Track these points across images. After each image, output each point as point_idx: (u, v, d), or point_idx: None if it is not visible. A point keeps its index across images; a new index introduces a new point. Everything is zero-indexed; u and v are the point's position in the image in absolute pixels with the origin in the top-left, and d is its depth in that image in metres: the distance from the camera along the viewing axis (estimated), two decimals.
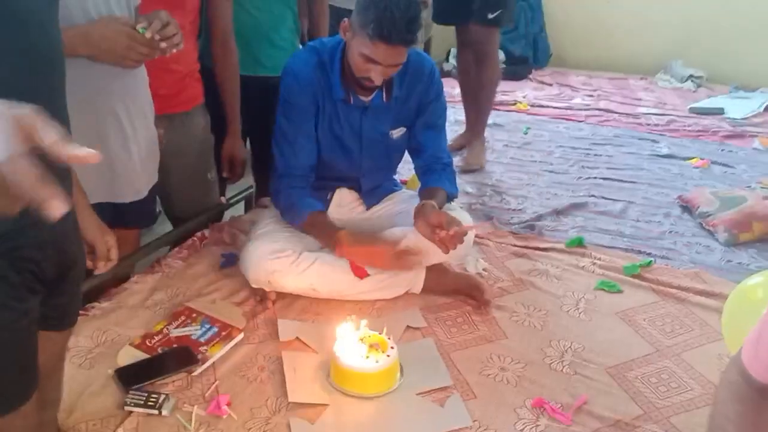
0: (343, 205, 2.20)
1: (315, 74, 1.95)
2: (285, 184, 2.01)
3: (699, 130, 3.69)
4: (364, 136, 2.04)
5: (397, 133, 2.08)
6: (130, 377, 1.62)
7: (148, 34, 1.55)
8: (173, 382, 1.64)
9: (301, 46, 2.47)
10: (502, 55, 4.73)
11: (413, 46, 1.86)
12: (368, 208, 2.21)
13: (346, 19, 1.86)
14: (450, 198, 2.06)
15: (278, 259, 1.91)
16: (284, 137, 2.01)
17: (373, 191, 2.21)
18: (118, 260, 1.46)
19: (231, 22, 2.15)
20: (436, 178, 2.06)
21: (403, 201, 2.17)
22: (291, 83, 1.97)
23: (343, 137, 2.03)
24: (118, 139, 1.70)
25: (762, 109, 3.97)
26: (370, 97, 1.98)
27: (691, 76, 4.50)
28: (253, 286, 1.97)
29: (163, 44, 1.57)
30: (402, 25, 1.74)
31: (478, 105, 3.16)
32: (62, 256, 1.11)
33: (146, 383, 1.60)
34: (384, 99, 1.99)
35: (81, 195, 1.35)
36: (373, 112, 2.02)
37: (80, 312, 1.84)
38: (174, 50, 1.61)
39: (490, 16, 2.96)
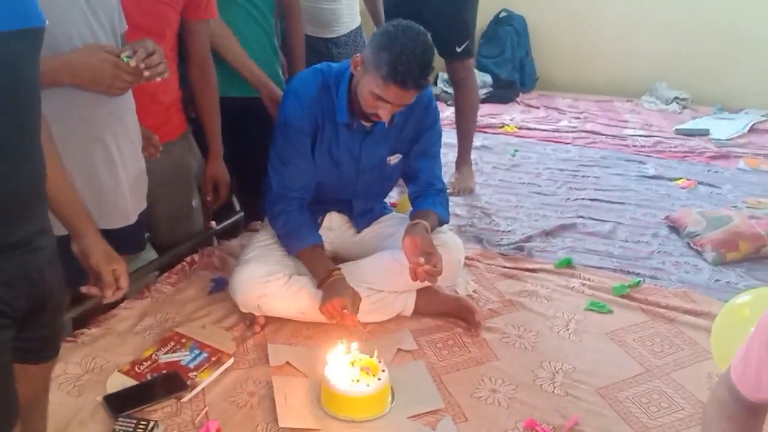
0: (334, 228, 2.20)
1: (318, 96, 1.96)
2: (282, 207, 2.01)
3: (685, 151, 3.73)
4: (362, 160, 2.05)
5: (393, 159, 2.09)
6: (119, 404, 1.60)
7: (132, 63, 1.55)
8: (162, 408, 1.63)
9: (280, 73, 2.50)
10: (489, 79, 4.79)
11: None
12: (358, 231, 2.21)
13: (358, 55, 1.88)
14: (442, 223, 2.08)
15: (267, 283, 1.91)
16: (281, 158, 2.01)
17: (364, 215, 2.21)
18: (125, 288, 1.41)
19: (208, 45, 2.14)
20: (430, 202, 2.07)
21: (394, 225, 2.17)
22: (293, 105, 1.97)
23: (341, 160, 2.04)
24: (105, 165, 1.69)
25: (746, 129, 4.01)
26: (371, 123, 1.99)
27: (676, 98, 4.55)
28: (243, 310, 1.97)
29: (147, 72, 1.57)
30: (416, 70, 1.76)
31: (461, 131, 3.19)
32: (36, 291, 1.11)
33: (135, 410, 1.59)
34: (386, 125, 2.00)
35: (87, 221, 1.34)
36: (374, 137, 2.03)
37: (69, 338, 1.84)
38: (158, 78, 1.61)
39: (459, 49, 3.02)
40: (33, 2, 1.06)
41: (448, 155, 3.36)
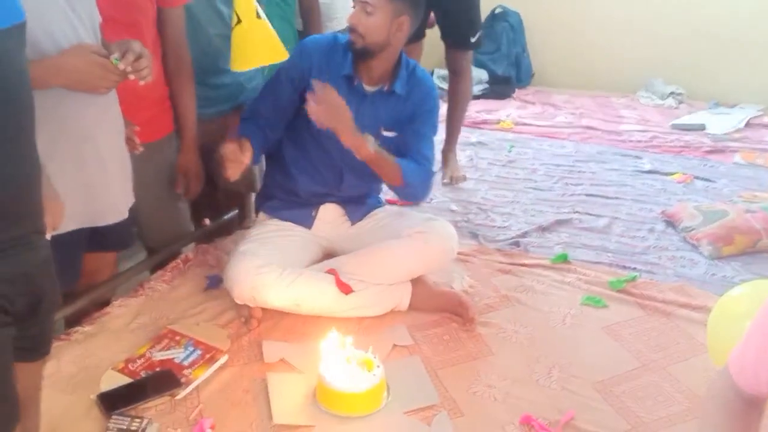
0: (328, 221, 2.19)
1: (323, 51, 2.05)
2: (242, 123, 2.11)
3: (681, 146, 3.72)
4: (357, 121, 2.01)
5: (387, 132, 2.08)
6: (113, 402, 1.60)
7: (121, 66, 1.55)
8: (156, 406, 1.62)
9: None
10: (485, 75, 4.78)
11: None
12: (353, 224, 2.20)
13: None
14: (398, 170, 1.99)
15: (262, 273, 1.90)
16: (260, 92, 2.15)
17: (357, 204, 2.20)
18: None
19: (183, 32, 2.10)
20: (406, 160, 2.03)
21: (388, 216, 2.18)
22: (295, 51, 2.11)
23: None
24: (95, 163, 1.68)
25: (742, 124, 4.01)
26: (374, 88, 2.03)
27: (672, 93, 4.55)
28: (238, 302, 1.96)
29: (132, 77, 1.57)
30: None
31: (452, 119, 3.21)
32: (33, 289, 1.11)
33: (129, 408, 1.58)
34: (385, 89, 2.03)
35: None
36: (372, 101, 2.04)
37: (63, 336, 1.84)
38: (142, 82, 1.60)
39: (473, 39, 3.05)
40: None
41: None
